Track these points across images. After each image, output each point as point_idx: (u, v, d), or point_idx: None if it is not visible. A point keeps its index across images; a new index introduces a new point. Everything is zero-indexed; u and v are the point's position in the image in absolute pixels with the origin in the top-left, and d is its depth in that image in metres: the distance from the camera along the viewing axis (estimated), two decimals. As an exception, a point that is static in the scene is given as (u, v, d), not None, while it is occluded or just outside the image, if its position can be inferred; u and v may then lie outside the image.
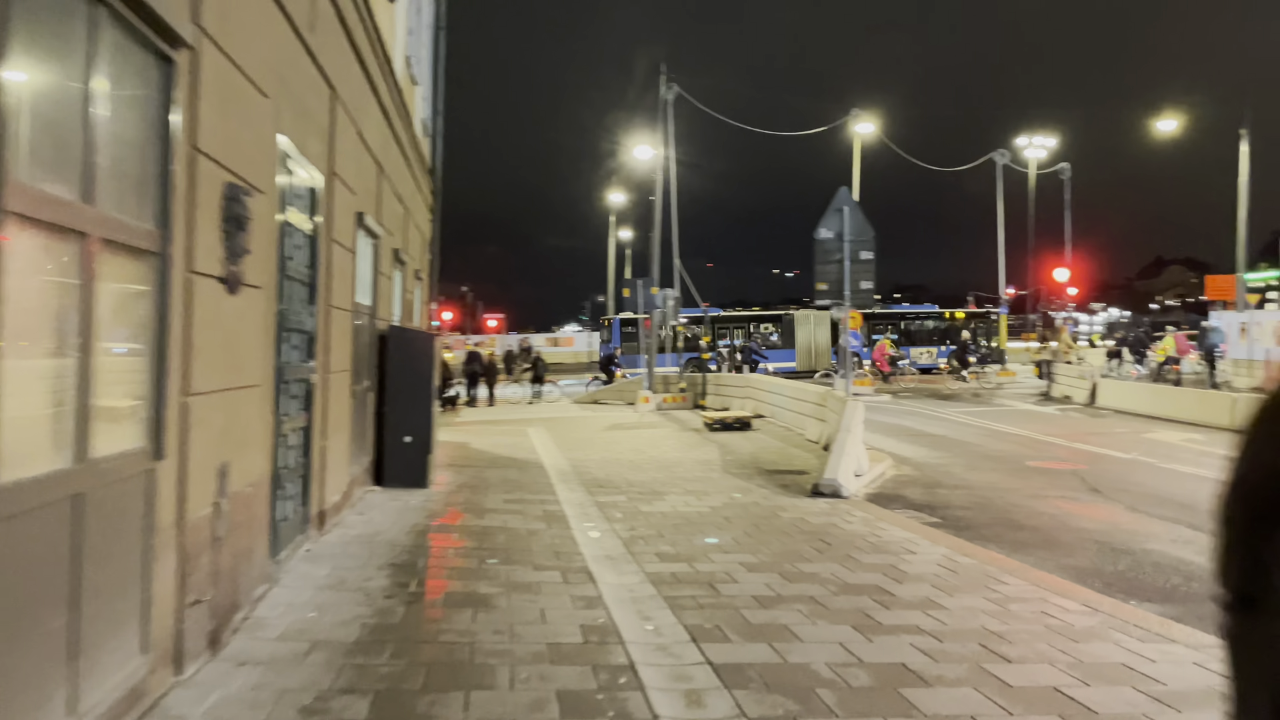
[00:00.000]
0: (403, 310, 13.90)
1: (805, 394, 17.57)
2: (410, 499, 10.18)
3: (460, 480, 11.88)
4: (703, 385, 23.95)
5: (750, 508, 10.08)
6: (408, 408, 10.92)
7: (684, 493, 11.11)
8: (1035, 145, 53.22)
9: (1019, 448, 16.34)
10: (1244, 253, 30.67)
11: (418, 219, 15.57)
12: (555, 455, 15.02)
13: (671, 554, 7.71)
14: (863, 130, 29.78)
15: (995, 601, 6.33)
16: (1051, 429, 19.04)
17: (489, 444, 16.65)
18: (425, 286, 17.27)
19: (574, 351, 56.32)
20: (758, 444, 16.46)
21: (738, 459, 14.46)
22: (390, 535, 8.14)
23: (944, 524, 9.79)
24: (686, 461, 14.22)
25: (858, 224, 13.98)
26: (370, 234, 10.17)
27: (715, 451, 15.45)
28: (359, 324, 9.74)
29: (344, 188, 8.38)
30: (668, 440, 17.29)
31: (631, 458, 14.71)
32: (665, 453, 15.39)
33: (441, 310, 41.72)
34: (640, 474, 12.80)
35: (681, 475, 12.66)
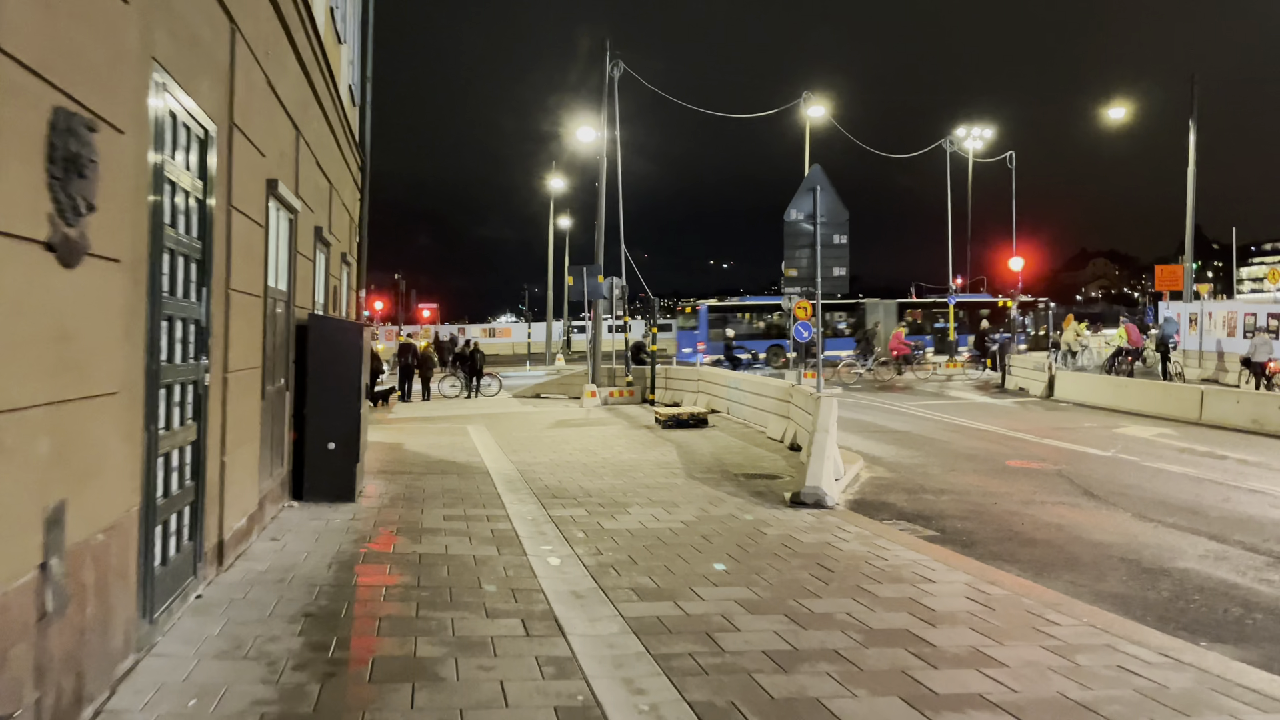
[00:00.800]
0: (328, 298, 12.32)
1: (766, 389, 16.40)
2: (334, 517, 8.68)
3: (393, 490, 10.40)
4: (651, 378, 22.68)
5: (728, 522, 8.81)
6: (332, 409, 9.40)
7: (649, 503, 9.80)
8: (974, 137, 53.11)
9: (990, 445, 15.40)
10: (1191, 243, 30.51)
11: (344, 196, 13.96)
12: (499, 458, 13.59)
13: (651, 589, 6.39)
14: (814, 114, 28.84)
15: (1057, 652, 5.15)
16: (1017, 424, 18.20)
17: (425, 445, 15.13)
18: (354, 272, 15.65)
19: (512, 343, 54.65)
20: (717, 443, 15.23)
21: (700, 461, 13.21)
22: (307, 569, 6.67)
23: (944, 538, 8.66)
24: (644, 464, 12.91)
25: (831, 205, 12.80)
26: (286, 207, 8.63)
27: (673, 452, 14.18)
28: (272, 312, 8.22)
29: (249, 146, 6.86)
30: (620, 439, 15.97)
31: (584, 460, 13.35)
32: (619, 454, 14.06)
33: (372, 300, 39.75)
34: (596, 480, 11.45)
35: (642, 481, 11.35)
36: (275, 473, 8.59)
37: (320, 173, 11.03)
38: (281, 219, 8.62)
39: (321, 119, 10.85)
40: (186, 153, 5.43)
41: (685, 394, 21.23)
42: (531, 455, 13.91)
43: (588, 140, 29.07)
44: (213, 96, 5.94)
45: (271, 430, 8.33)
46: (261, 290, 7.58)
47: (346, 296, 15.12)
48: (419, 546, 7.53)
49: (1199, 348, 26.15)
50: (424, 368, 26.19)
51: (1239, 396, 17.24)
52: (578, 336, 59.30)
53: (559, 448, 14.83)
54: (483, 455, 13.88)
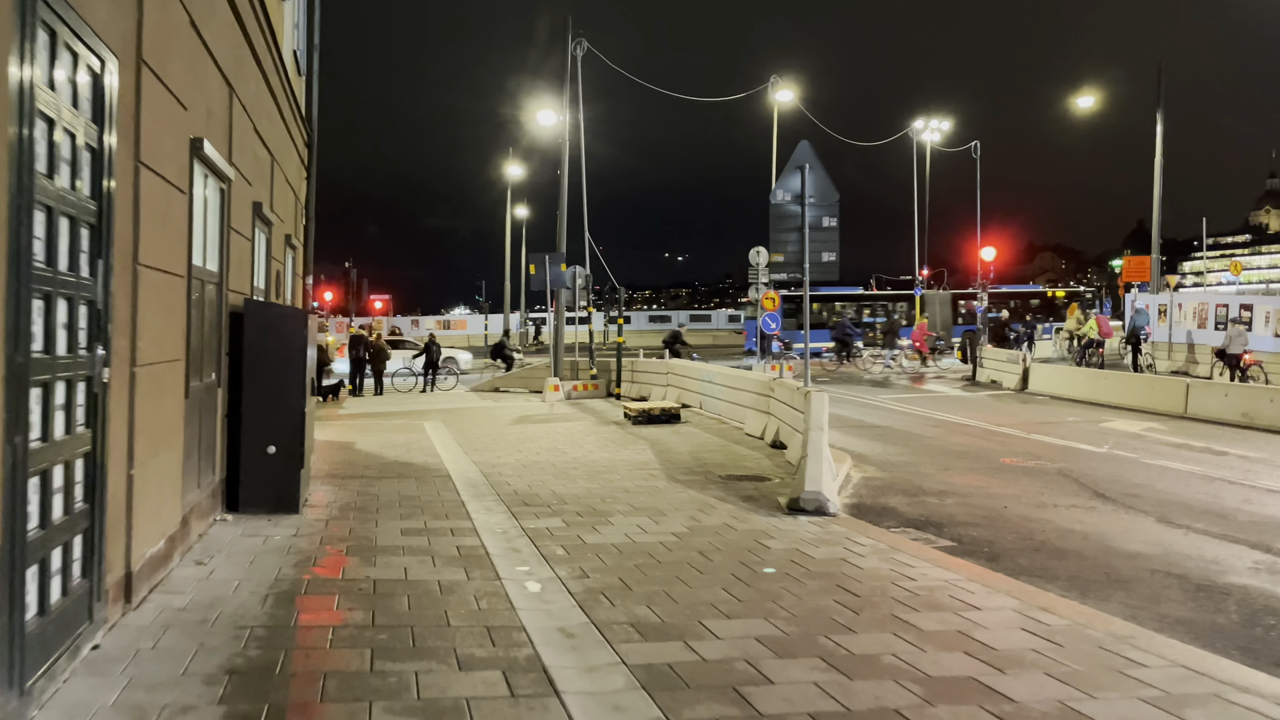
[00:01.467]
0: (270, 283, 11.06)
1: (743, 383, 15.42)
2: (274, 533, 7.50)
3: (344, 498, 9.22)
4: (617, 372, 21.61)
5: (724, 534, 7.80)
6: (272, 408, 8.20)
7: (632, 511, 8.75)
8: (932, 129, 52.74)
9: (978, 441, 14.60)
10: (1157, 233, 30.21)
11: (289, 173, 12.68)
12: (461, 458, 12.44)
13: (653, 623, 5.35)
14: (782, 99, 27.87)
15: (1161, 705, 4.21)
16: (998, 418, 17.46)
17: (379, 444, 13.92)
18: (299, 257, 14.36)
19: (467, 335, 53.17)
20: (693, 440, 14.23)
21: (678, 461, 12.18)
22: (237, 604, 5.51)
23: (964, 549, 7.74)
24: (619, 465, 11.86)
25: (820, 185, 11.85)
26: (215, 173, 7.41)
27: (648, 451, 13.14)
28: (200, 296, 7.01)
29: (165, 94, 5.67)
30: (588, 437, 14.89)
31: (552, 460, 12.26)
32: (590, 453, 12.99)
33: (322, 290, 38.11)
34: (569, 483, 10.37)
35: (620, 485, 10.29)
36: (205, 482, 7.38)
37: (260, 142, 9.79)
38: (211, 188, 7.40)
39: (260, 81, 9.60)
40: (74, 84, 4.25)
41: (654, 388, 20.21)
42: (495, 455, 12.78)
43: (549, 124, 27.87)
44: (115, 23, 4.75)
45: (200, 433, 7.13)
46: (184, 269, 6.38)
47: (291, 283, 13.83)
48: (373, 570, 6.40)
49: (1169, 339, 25.76)
50: (376, 360, 24.83)
51: (1227, 390, 16.67)
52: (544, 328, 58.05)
53: (524, 446, 13.72)
54: (442, 456, 12.72)
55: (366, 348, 24.71)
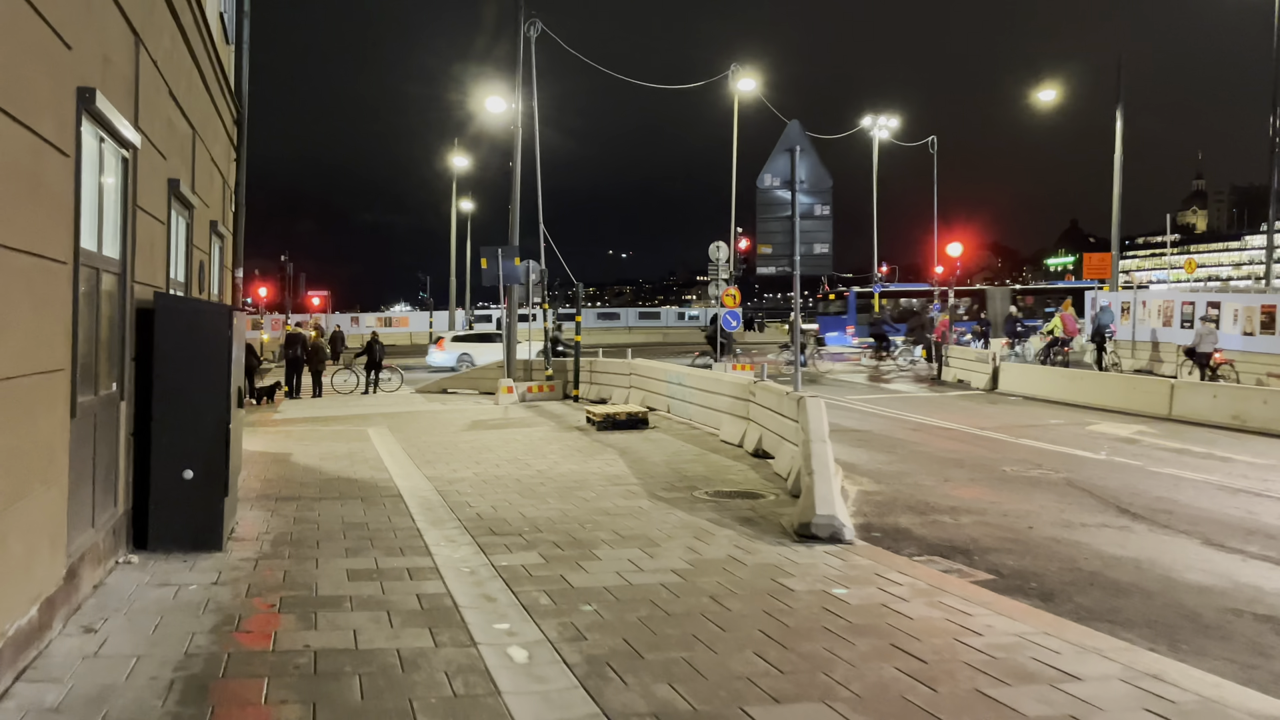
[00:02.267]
0: (191, 276, 9.57)
1: (718, 385, 14.25)
2: (189, 579, 6.10)
3: (277, 527, 7.82)
4: (574, 372, 20.31)
5: (733, 569, 6.61)
6: (189, 424, 6.77)
7: (619, 540, 7.52)
8: (880, 126, 52.38)
9: (967, 447, 13.65)
10: (1117, 230, 29.88)
11: (214, 151, 11.15)
12: (412, 472, 11.06)
13: (683, 712, 4.12)
14: (743, 88, 26.71)
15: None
16: (979, 421, 16.58)
17: (319, 454, 12.46)
18: (228, 247, 12.81)
19: (410, 332, 51.31)
20: (666, 449, 13.02)
21: (656, 473, 10.96)
22: (130, 701, 4.13)
23: (1008, 584, 6.67)
24: (591, 479, 10.60)
25: (813, 169, 10.72)
26: (113, 136, 5.98)
27: (620, 462, 11.90)
28: (92, 289, 5.59)
29: (33, 17, 4.27)
30: (551, 445, 13.59)
31: (516, 474, 10.95)
32: (556, 464, 11.70)
33: (256, 286, 36.14)
34: (539, 504, 9.09)
35: (598, 505, 9.04)
36: (103, 519, 5.95)
37: (177, 109, 8.31)
38: (108, 154, 5.97)
39: (177, 36, 8.12)
40: None
41: (615, 389, 18.95)
42: (450, 468, 11.43)
43: (498, 111, 26.45)
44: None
45: (95, 459, 5.71)
46: (68, 253, 4.96)
47: (219, 276, 12.29)
48: (314, 635, 5.05)
49: (1132, 337, 25.30)
50: (314, 360, 23.17)
51: (1216, 391, 15.99)
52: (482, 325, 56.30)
53: (482, 457, 12.37)
54: (390, 469, 11.32)
55: (303, 347, 23.04)
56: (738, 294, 25.04)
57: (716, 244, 25.59)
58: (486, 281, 20.36)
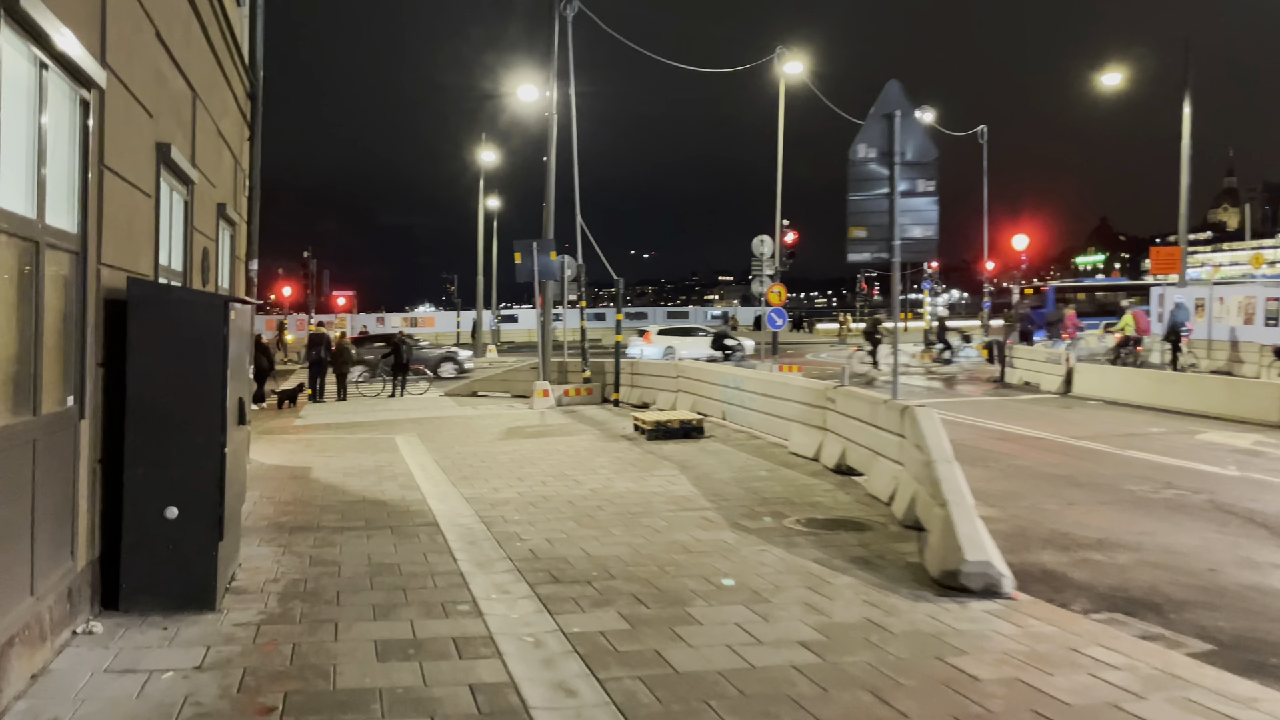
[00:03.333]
0: (193, 263, 8.05)
1: (787, 390, 12.58)
2: (165, 662, 4.53)
3: (289, 573, 6.27)
4: (615, 375, 18.71)
5: (883, 643, 4.98)
6: (174, 447, 5.22)
7: (713, 591, 5.91)
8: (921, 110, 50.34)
9: (1069, 460, 11.93)
10: (1184, 222, 27.91)
11: (223, 125, 9.63)
12: (448, 492, 9.51)
13: None
14: (790, 71, 24.96)
15: None
16: (1067, 428, 14.83)
17: (342, 469, 10.93)
18: (240, 235, 11.30)
19: (436, 333, 49.93)
20: (731, 462, 11.39)
21: (728, 495, 9.35)
22: None
23: (1235, 657, 5.02)
24: (655, 501, 9.00)
25: (916, 139, 9.08)
26: (67, 68, 4.43)
27: (681, 478, 10.29)
28: (27, 268, 4.06)
29: None
30: (599, 457, 12.00)
31: (567, 493, 9.36)
32: (610, 481, 10.11)
33: (280, 285, 34.83)
34: (603, 536, 7.50)
35: (672, 538, 7.44)
36: (49, 581, 4.41)
37: (167, 57, 6.76)
38: (53, 86, 4.42)
39: (167, -30, 6.59)
40: None
41: (659, 393, 17.34)
42: (491, 486, 9.86)
43: (530, 100, 24.90)
44: None
45: (33, 503, 4.16)
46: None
47: (230, 268, 10.79)
48: (329, 766, 3.48)
49: (1208, 336, 23.40)
50: (339, 362, 21.73)
51: (1342, 396, 14.17)
52: (508, 326, 54.88)
53: (525, 471, 10.80)
54: (423, 487, 9.77)
55: (327, 348, 21.60)
56: (783, 290, 23.43)
57: (761, 238, 23.96)
58: (520, 277, 18.79)
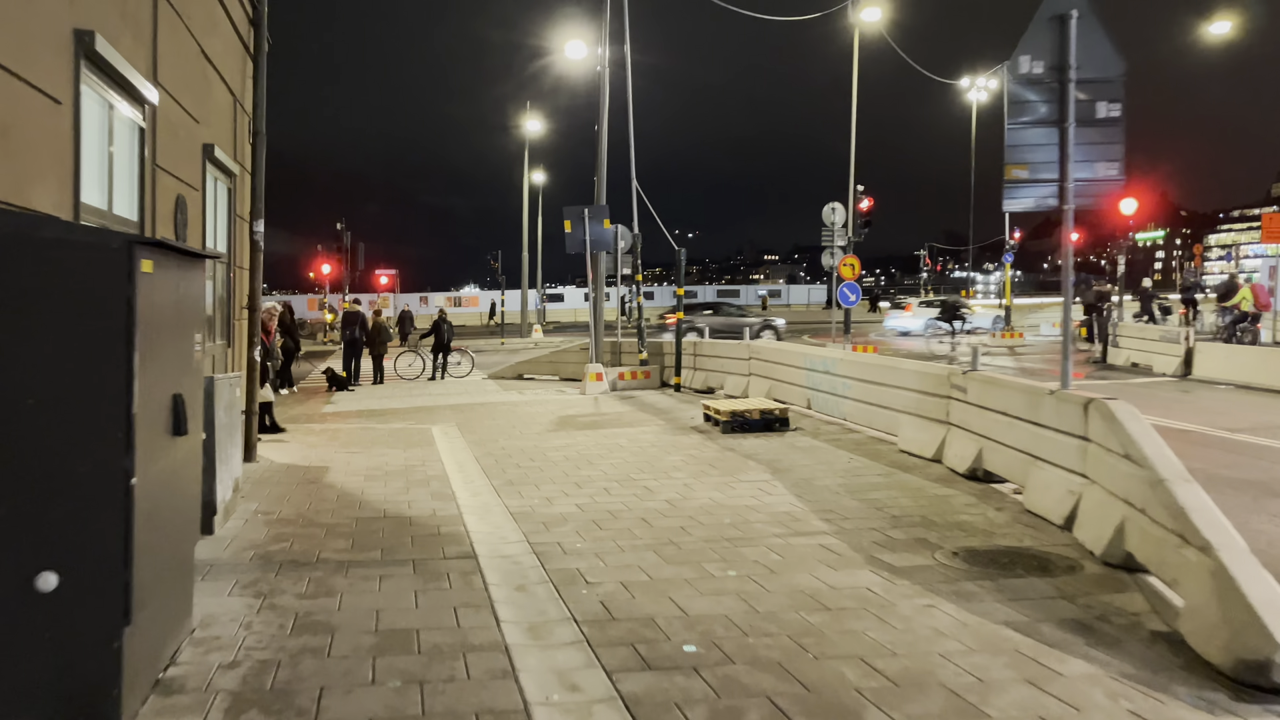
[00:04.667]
0: (155, 208, 6.07)
1: (897, 375, 10.35)
2: None
3: (256, 648, 4.27)
4: (676, 356, 16.61)
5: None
6: (47, 481, 3.24)
7: (893, 696, 3.82)
8: (978, 88, 47.46)
9: (1239, 458, 9.59)
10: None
11: (210, 45, 7.65)
12: (490, 504, 7.51)
13: None
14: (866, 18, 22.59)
15: None
16: (1212, 418, 12.43)
17: (365, 469, 8.98)
18: (243, 191, 9.35)
19: (480, 312, 48.22)
20: (831, 463, 9.26)
21: (843, 510, 7.22)
22: None
23: None
24: (753, 520, 6.91)
25: (1097, 48, 6.80)
26: None
27: (777, 486, 8.19)
28: None
29: None
30: (670, 455, 9.93)
31: (638, 506, 7.31)
32: (689, 488, 8.04)
33: (319, 262, 33.23)
34: (702, 581, 5.41)
35: (797, 582, 5.34)
36: None
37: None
38: None
39: None
40: None
41: (728, 377, 15.22)
42: (542, 494, 7.85)
43: (578, 58, 22.74)
44: None
45: None
46: None
47: (230, 227, 8.85)
48: None
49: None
50: (375, 343, 19.89)
51: None
52: (554, 305, 52.96)
53: (583, 474, 8.78)
54: (459, 496, 7.78)
55: (362, 327, 19.76)
56: (857, 264, 21.08)
57: (832, 205, 21.63)
58: (570, 248, 16.73)
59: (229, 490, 6.79)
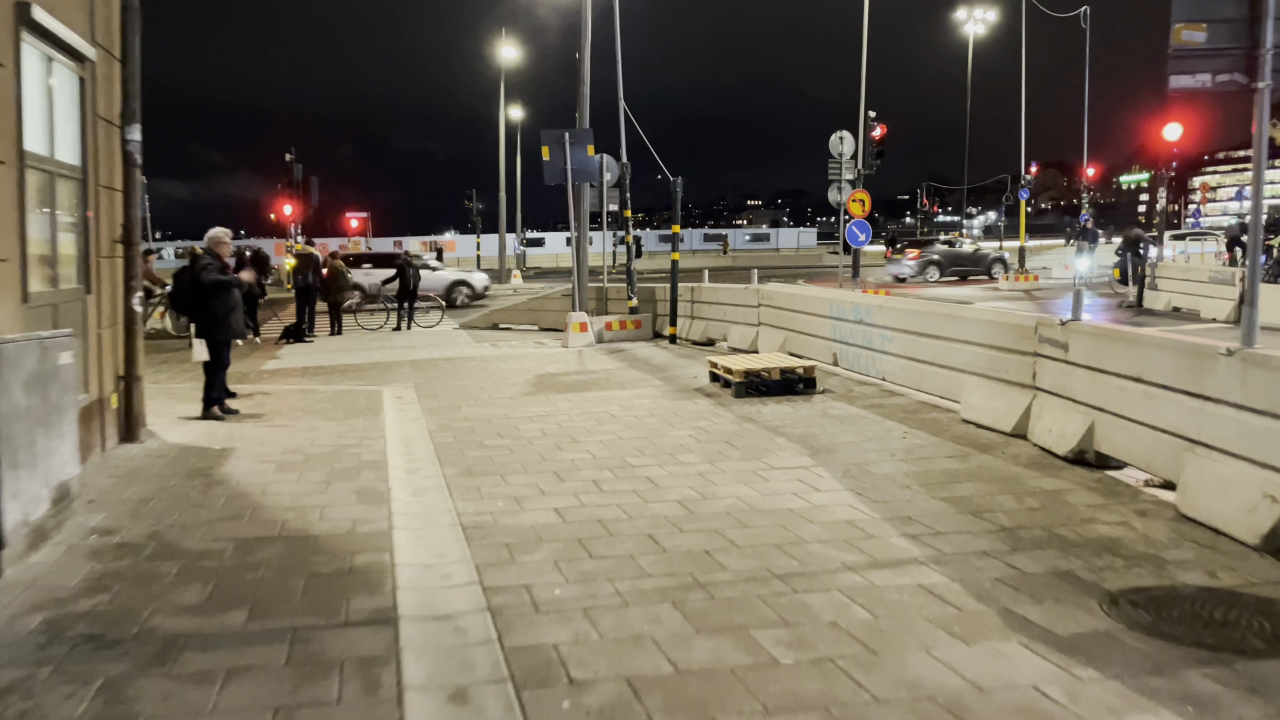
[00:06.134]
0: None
1: (958, 326, 8.13)
2: None
3: None
4: (671, 303, 14.36)
5: None
6: None
7: None
8: (975, 20, 44.68)
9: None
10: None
11: None
12: (435, 515, 5.31)
13: None
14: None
15: None
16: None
17: (280, 453, 6.74)
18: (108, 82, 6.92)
19: (458, 257, 45.66)
20: (883, 440, 7.11)
21: (928, 513, 5.08)
22: None
23: None
24: (808, 536, 4.77)
25: None
26: None
27: (821, 473, 6.05)
28: None
29: None
30: (675, 428, 7.76)
31: (644, 513, 5.14)
32: (707, 479, 5.90)
33: (280, 202, 30.56)
34: (768, 681, 3.23)
35: (915, 673, 3.20)
36: None
37: None
38: None
39: None
40: None
41: (732, 327, 13.01)
42: (510, 492, 5.68)
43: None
44: None
45: None
46: None
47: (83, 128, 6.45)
48: None
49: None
50: (331, 290, 17.50)
51: None
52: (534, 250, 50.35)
53: (564, 458, 6.60)
54: (394, 499, 5.58)
55: (316, 271, 17.34)
56: (867, 199, 18.80)
57: (839, 134, 19.26)
58: (549, 179, 14.34)
59: (43, 505, 4.56)
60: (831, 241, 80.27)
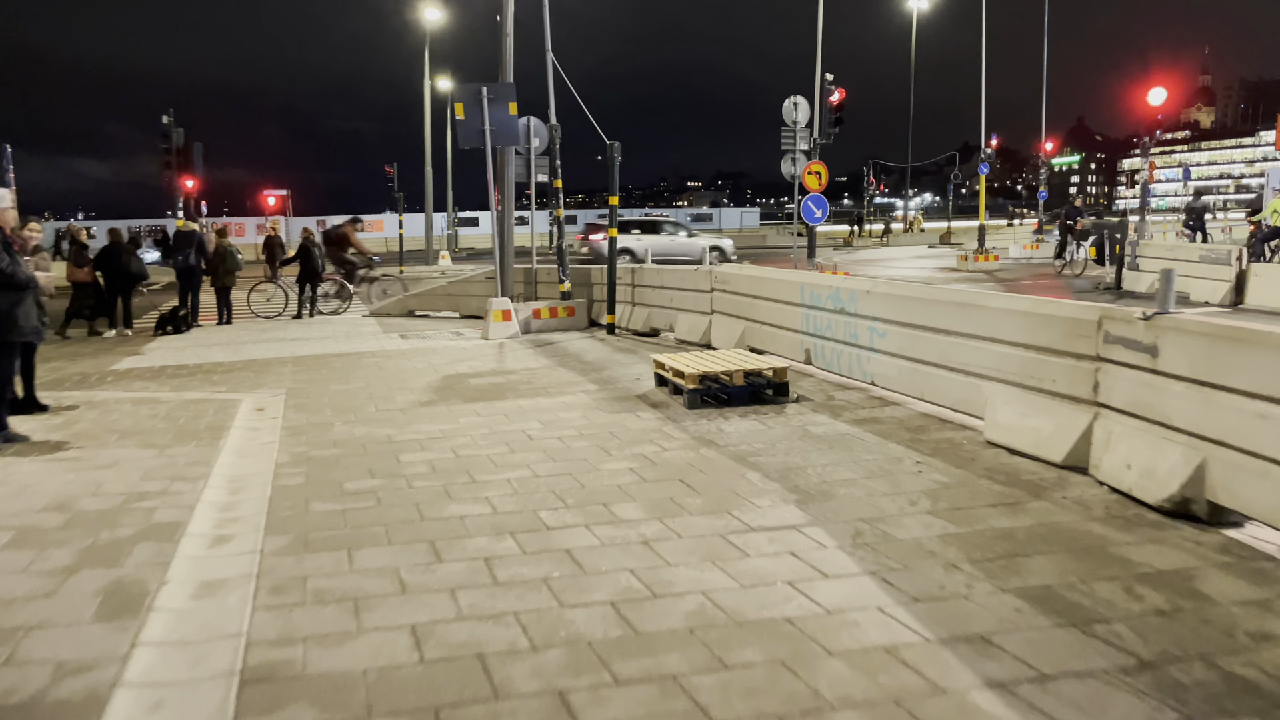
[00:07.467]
0: None
1: (985, 318, 6.20)
2: None
3: None
4: (609, 287, 12.27)
5: None
6: None
7: None
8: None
9: None
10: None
11: None
12: (208, 661, 3.17)
13: None
14: None
15: None
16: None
17: (49, 502, 4.46)
18: None
19: (384, 237, 42.82)
20: (895, 476, 5.15)
21: (1016, 629, 3.11)
22: None
23: None
24: (831, 690, 2.76)
25: None
26: None
27: (823, 538, 4.06)
28: None
29: None
30: (611, 457, 5.70)
31: (560, 637, 3.06)
32: (660, 555, 3.86)
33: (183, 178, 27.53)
34: None
35: None
36: None
37: None
38: None
39: None
40: None
41: (679, 314, 10.99)
42: (353, 589, 3.56)
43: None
44: None
45: None
46: None
47: None
48: None
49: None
50: (218, 272, 14.99)
51: None
52: (467, 230, 47.64)
53: (451, 519, 4.51)
54: (153, 612, 3.44)
55: (199, 251, 14.83)
56: (824, 172, 16.89)
57: (793, 99, 17.28)
58: (463, 141, 12.08)
59: None
60: (774, 222, 78.49)
